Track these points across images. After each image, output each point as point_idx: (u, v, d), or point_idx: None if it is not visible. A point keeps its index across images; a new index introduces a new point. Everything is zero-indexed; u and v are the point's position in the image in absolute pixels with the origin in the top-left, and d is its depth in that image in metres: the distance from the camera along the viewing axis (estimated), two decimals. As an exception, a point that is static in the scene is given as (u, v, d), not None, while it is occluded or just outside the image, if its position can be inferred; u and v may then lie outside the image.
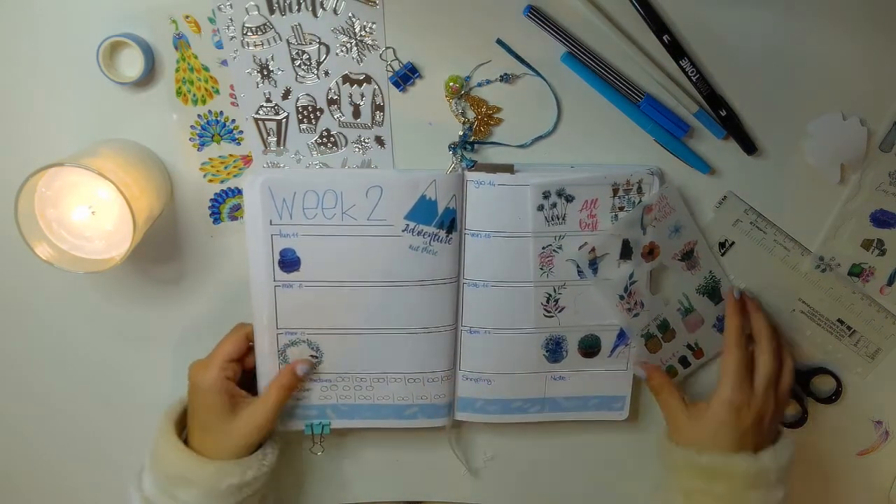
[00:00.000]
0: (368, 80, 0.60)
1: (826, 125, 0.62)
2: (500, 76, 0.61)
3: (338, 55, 0.59)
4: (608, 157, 0.63)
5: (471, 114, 0.61)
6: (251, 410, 0.61)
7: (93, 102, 0.60)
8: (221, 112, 0.61)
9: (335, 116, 0.61)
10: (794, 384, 0.70)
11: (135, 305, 0.67)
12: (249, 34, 0.58)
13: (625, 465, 0.73)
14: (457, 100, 0.61)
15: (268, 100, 0.60)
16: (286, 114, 0.61)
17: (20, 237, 0.55)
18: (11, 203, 0.54)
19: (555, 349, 0.66)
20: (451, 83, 0.60)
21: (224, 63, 0.59)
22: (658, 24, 0.58)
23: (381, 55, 0.59)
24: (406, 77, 0.60)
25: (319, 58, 0.59)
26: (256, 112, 0.61)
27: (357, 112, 0.61)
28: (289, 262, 0.62)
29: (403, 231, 0.61)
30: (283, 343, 0.64)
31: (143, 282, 0.66)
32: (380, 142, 0.62)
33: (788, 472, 0.62)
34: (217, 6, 0.57)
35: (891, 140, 0.63)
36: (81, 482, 0.73)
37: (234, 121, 0.61)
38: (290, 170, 0.62)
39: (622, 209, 0.63)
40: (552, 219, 0.62)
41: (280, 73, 0.59)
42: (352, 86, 0.60)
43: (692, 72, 0.60)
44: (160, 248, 0.65)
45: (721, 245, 0.66)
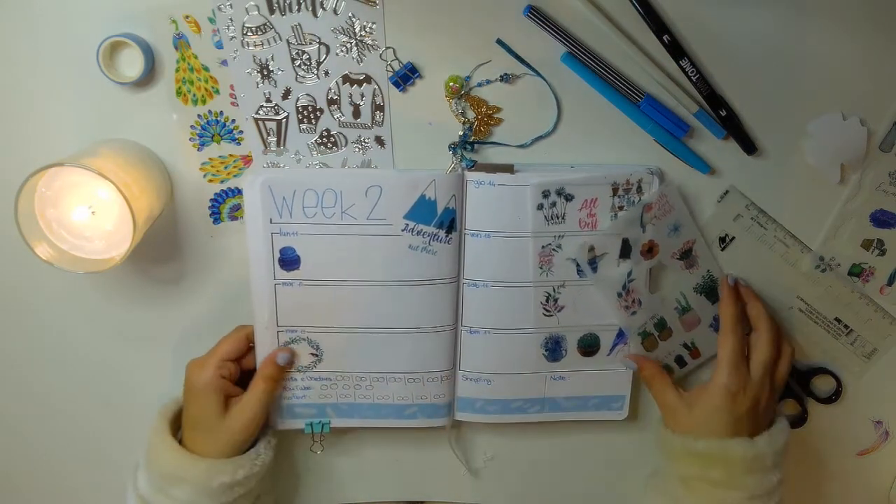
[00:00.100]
0: (368, 80, 0.60)
1: (826, 125, 0.62)
2: (500, 76, 0.61)
3: (338, 55, 0.59)
4: (608, 157, 0.63)
5: (471, 114, 0.61)
6: (240, 406, 0.62)
7: (93, 102, 0.60)
8: (221, 112, 0.61)
9: (335, 116, 0.61)
10: (795, 384, 0.71)
11: (135, 305, 0.67)
12: (249, 34, 0.58)
13: (625, 465, 0.73)
14: (457, 100, 0.61)
15: (268, 100, 0.60)
16: (286, 114, 0.61)
17: (20, 237, 0.55)
18: (11, 203, 0.54)
19: (554, 348, 0.66)
20: (451, 83, 0.60)
21: (224, 63, 0.59)
22: (658, 24, 0.59)
23: (381, 55, 0.59)
24: (406, 77, 0.60)
25: (319, 58, 0.59)
26: (256, 112, 0.61)
27: (357, 112, 0.61)
28: (289, 261, 0.62)
29: (403, 231, 0.61)
30: (284, 341, 0.64)
31: (143, 282, 0.66)
32: (380, 142, 0.62)
33: (784, 457, 0.62)
34: (217, 6, 0.57)
35: (891, 140, 0.63)
36: (81, 482, 0.73)
37: (234, 121, 0.61)
38: (290, 169, 0.62)
39: (622, 208, 0.63)
40: (552, 218, 0.62)
41: (280, 73, 0.59)
42: (352, 86, 0.60)
43: (692, 72, 0.60)
44: (160, 248, 0.65)
45: (721, 240, 0.66)
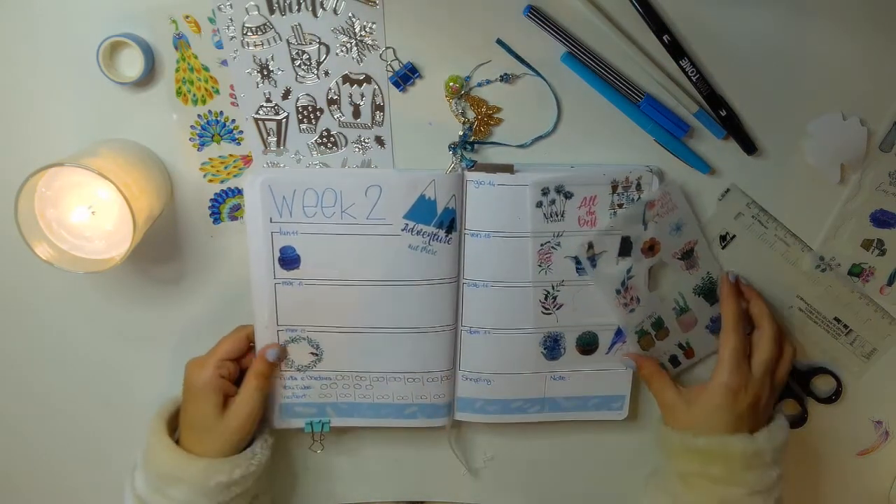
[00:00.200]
0: (368, 80, 0.60)
1: (826, 125, 0.62)
2: (500, 76, 0.61)
3: (338, 55, 0.59)
4: (608, 158, 0.63)
5: (471, 114, 0.61)
6: (234, 404, 0.62)
7: (93, 102, 0.60)
8: (221, 112, 0.61)
9: (335, 116, 0.61)
10: (795, 384, 0.71)
11: (135, 305, 0.67)
12: (249, 34, 0.58)
13: (625, 465, 0.73)
14: (457, 100, 0.61)
15: (268, 100, 0.60)
16: (286, 114, 0.61)
17: (20, 237, 0.55)
18: (11, 203, 0.54)
19: (553, 346, 0.66)
20: (451, 83, 0.60)
21: (224, 63, 0.59)
22: (658, 24, 0.58)
23: (381, 55, 0.59)
24: (406, 77, 0.60)
25: (319, 58, 0.59)
26: (256, 112, 0.61)
27: (357, 112, 0.61)
28: (289, 260, 0.62)
29: (402, 230, 0.61)
30: (284, 340, 0.64)
31: (143, 282, 0.66)
32: (380, 142, 0.62)
33: (783, 453, 0.62)
34: (217, 6, 0.57)
35: (891, 140, 0.63)
36: (81, 482, 0.73)
37: (234, 121, 0.61)
38: (290, 169, 0.62)
39: (621, 206, 0.63)
40: (551, 216, 0.62)
41: (280, 73, 0.59)
42: (352, 86, 0.60)
43: (692, 72, 0.60)
44: (160, 248, 0.65)
45: (722, 238, 0.66)
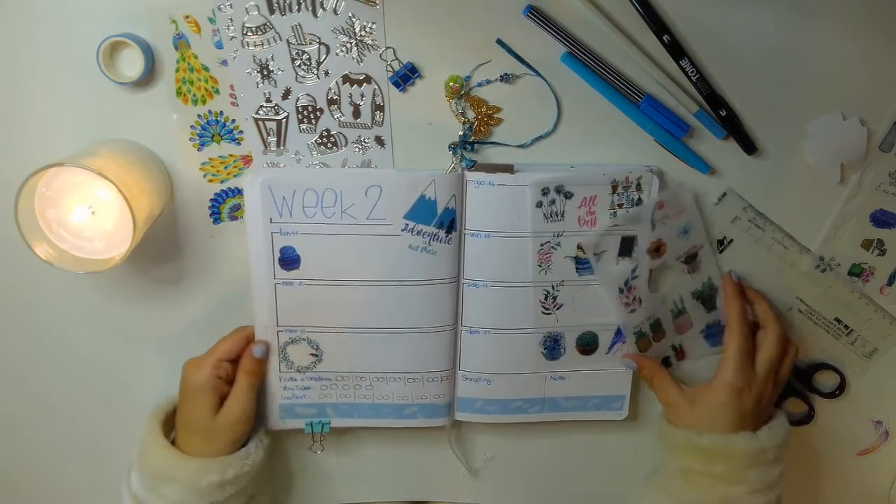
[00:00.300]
0: (368, 80, 0.60)
1: (826, 125, 0.62)
2: (500, 76, 0.61)
3: (338, 55, 0.59)
4: (608, 158, 0.63)
5: (471, 114, 0.61)
6: (226, 404, 0.62)
7: (93, 102, 0.60)
8: (221, 112, 0.61)
9: (335, 116, 0.61)
10: (798, 382, 0.71)
11: (135, 305, 0.67)
12: (249, 34, 0.58)
13: (625, 465, 0.73)
14: (457, 100, 0.61)
15: (268, 100, 0.60)
16: (286, 114, 0.61)
17: (20, 237, 0.55)
18: (11, 203, 0.54)
19: (553, 346, 0.66)
20: (451, 83, 0.60)
21: (224, 63, 0.59)
22: (658, 24, 0.58)
23: (381, 55, 0.59)
24: (406, 77, 0.60)
25: (319, 58, 0.59)
26: (256, 112, 0.61)
27: (357, 112, 0.61)
28: (289, 260, 0.62)
29: (403, 230, 0.61)
30: (284, 341, 0.64)
31: (143, 282, 0.66)
32: (380, 142, 0.62)
33: (784, 450, 0.63)
34: (217, 6, 0.57)
35: (891, 140, 0.63)
36: (81, 482, 0.73)
37: (234, 121, 0.61)
38: (290, 169, 0.62)
39: (621, 206, 0.63)
40: (551, 216, 0.62)
41: (280, 73, 0.59)
42: (352, 86, 0.60)
43: (692, 72, 0.60)
44: (160, 248, 0.65)
45: (720, 242, 0.66)
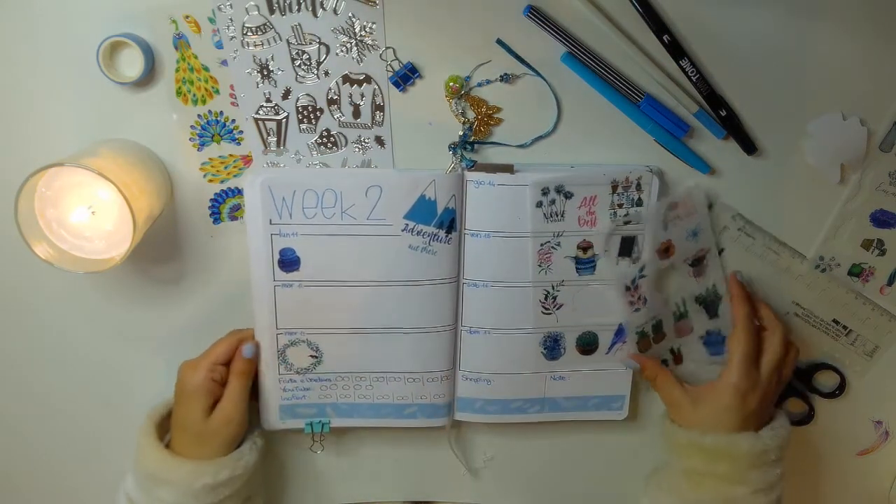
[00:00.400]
0: (368, 80, 0.60)
1: (826, 125, 0.62)
2: (500, 76, 0.60)
3: (338, 55, 0.59)
4: (608, 157, 0.63)
5: (471, 114, 0.61)
6: (218, 406, 0.62)
7: (93, 102, 0.60)
8: (221, 112, 0.61)
9: (335, 116, 0.61)
10: (798, 382, 0.71)
11: (135, 305, 0.67)
12: (249, 34, 0.58)
13: (625, 465, 0.73)
14: (457, 100, 0.61)
15: (268, 100, 0.60)
16: (286, 114, 0.61)
17: (20, 237, 0.55)
18: (11, 203, 0.54)
19: (553, 346, 0.66)
20: (451, 83, 0.60)
21: (224, 63, 0.59)
22: (658, 24, 0.58)
23: (381, 55, 0.59)
24: (406, 77, 0.60)
25: (319, 58, 0.59)
26: (256, 112, 0.61)
27: (357, 112, 0.61)
28: (288, 262, 0.62)
29: (403, 231, 0.61)
30: (283, 343, 0.64)
31: (143, 282, 0.66)
32: (380, 142, 0.62)
33: (785, 450, 0.63)
34: (217, 6, 0.57)
35: (891, 140, 0.63)
36: (81, 482, 0.73)
37: (234, 121, 0.61)
38: (290, 169, 0.62)
39: (621, 206, 0.63)
40: (551, 216, 0.62)
41: (280, 73, 0.59)
42: (352, 86, 0.60)
43: (692, 72, 0.60)
44: (160, 248, 0.65)
45: None
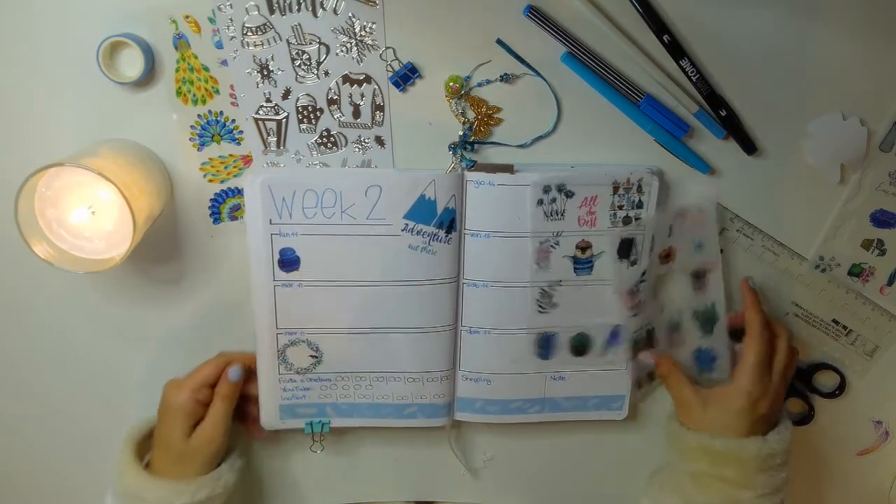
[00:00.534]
0: (368, 80, 0.60)
1: (826, 125, 0.62)
2: (500, 76, 0.60)
3: (338, 55, 0.59)
4: (608, 157, 0.63)
5: (471, 114, 0.61)
6: (200, 427, 0.62)
7: (93, 102, 0.60)
8: (221, 112, 0.61)
9: (335, 116, 0.61)
10: (798, 382, 0.71)
11: (135, 305, 0.67)
12: (249, 34, 0.58)
13: (625, 465, 0.73)
14: (457, 100, 0.61)
15: (268, 100, 0.60)
16: (286, 114, 0.61)
17: (20, 237, 0.55)
18: (11, 203, 0.54)
19: (546, 345, 0.66)
20: (451, 83, 0.60)
21: (224, 63, 0.59)
22: (658, 24, 0.58)
23: (381, 55, 0.59)
24: (406, 77, 0.60)
25: (319, 58, 0.59)
26: (256, 112, 0.61)
27: (357, 112, 0.61)
28: (288, 262, 0.62)
29: (403, 230, 0.61)
30: (283, 343, 0.64)
31: (143, 282, 0.66)
32: (380, 142, 0.62)
33: (789, 454, 0.63)
34: (217, 6, 0.57)
35: (891, 140, 0.63)
36: (81, 482, 0.73)
37: (234, 121, 0.61)
38: (290, 169, 0.62)
39: (621, 207, 0.63)
40: (551, 214, 0.62)
41: (280, 73, 0.59)
42: (352, 86, 0.60)
43: (692, 72, 0.60)
44: (160, 248, 0.65)
45: None
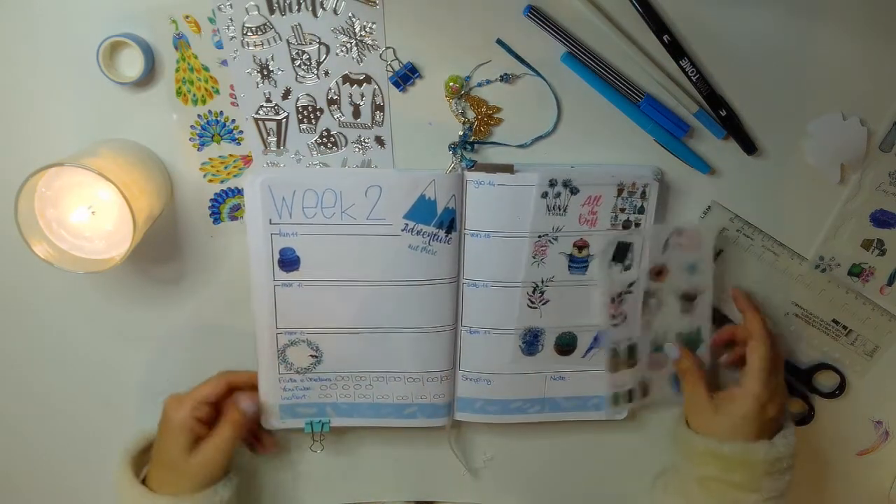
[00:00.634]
0: (368, 80, 0.60)
1: (826, 125, 0.62)
2: (500, 76, 0.60)
3: (338, 55, 0.59)
4: (608, 157, 0.63)
5: (471, 114, 0.61)
6: (204, 447, 0.62)
7: (93, 102, 0.60)
8: (221, 112, 0.61)
9: (335, 116, 0.61)
10: (798, 383, 0.71)
11: (135, 305, 0.67)
12: (249, 34, 0.58)
13: (624, 465, 0.73)
14: (457, 100, 0.61)
15: (268, 100, 0.60)
16: (286, 114, 0.61)
17: (20, 237, 0.55)
18: (11, 203, 0.54)
19: (531, 342, 0.66)
20: (451, 83, 0.60)
21: (224, 63, 0.59)
22: (658, 24, 0.58)
23: (381, 55, 0.59)
24: (406, 77, 0.60)
25: (319, 58, 0.59)
26: (256, 112, 0.61)
27: (357, 112, 0.61)
28: (288, 262, 0.62)
29: (402, 230, 0.61)
30: (283, 343, 0.64)
31: (143, 282, 0.66)
32: (380, 142, 0.62)
33: (794, 458, 0.63)
34: (217, 6, 0.57)
35: (891, 140, 0.63)
36: (81, 482, 0.73)
37: (234, 121, 0.61)
38: (290, 169, 0.62)
39: (623, 210, 0.62)
40: (553, 208, 0.62)
41: (280, 73, 0.59)
42: (352, 86, 0.60)
43: (692, 72, 0.60)
44: (160, 248, 0.65)
45: None
